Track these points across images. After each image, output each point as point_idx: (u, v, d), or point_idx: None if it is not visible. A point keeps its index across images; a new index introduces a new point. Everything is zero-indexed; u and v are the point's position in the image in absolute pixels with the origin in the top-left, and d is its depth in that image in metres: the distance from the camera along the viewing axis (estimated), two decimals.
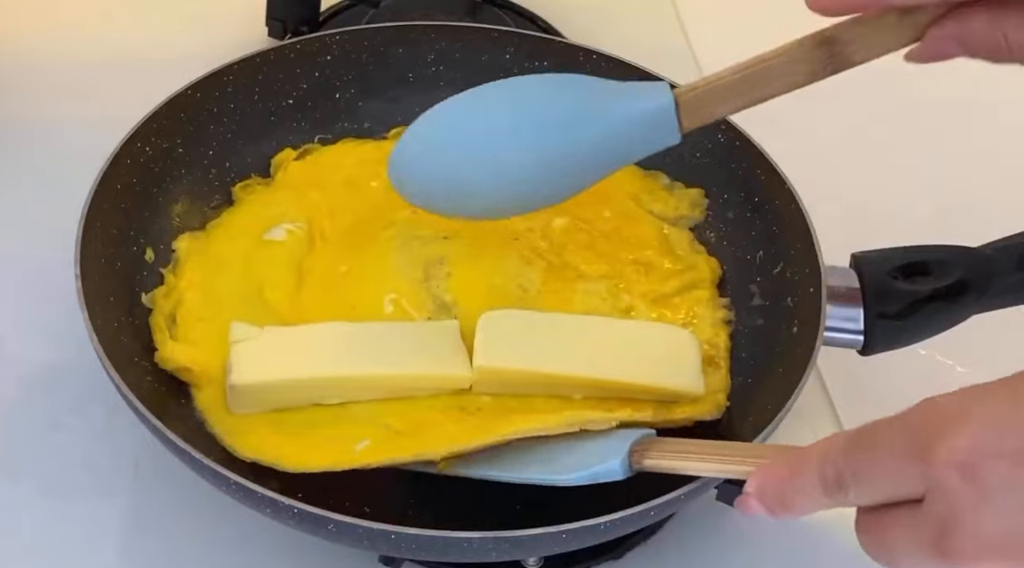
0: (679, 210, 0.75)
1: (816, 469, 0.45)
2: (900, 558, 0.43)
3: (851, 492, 0.43)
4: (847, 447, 0.44)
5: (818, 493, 0.45)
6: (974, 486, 0.40)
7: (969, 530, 0.40)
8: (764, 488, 0.47)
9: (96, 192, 0.65)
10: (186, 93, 0.72)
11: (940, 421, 0.41)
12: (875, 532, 0.44)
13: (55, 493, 0.64)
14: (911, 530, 0.42)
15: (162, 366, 0.63)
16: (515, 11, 0.96)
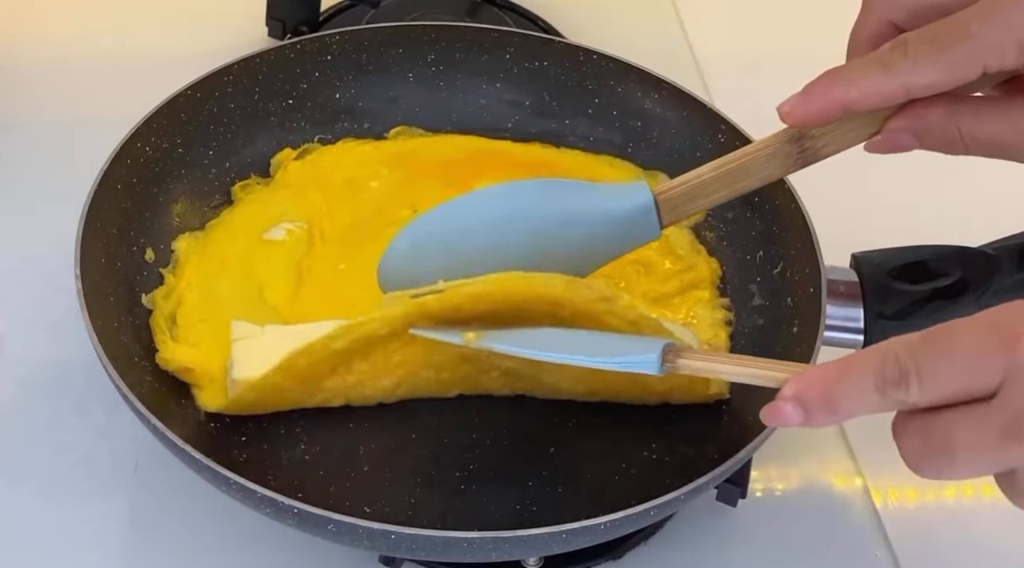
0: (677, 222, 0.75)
1: (875, 367, 0.44)
2: (958, 452, 0.42)
3: (913, 390, 0.43)
4: (920, 343, 0.43)
5: (871, 393, 0.44)
6: None
7: None
8: (807, 390, 0.46)
9: (96, 192, 0.65)
10: (186, 93, 0.72)
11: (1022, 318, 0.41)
12: (932, 429, 0.43)
13: (55, 493, 0.64)
14: (979, 422, 0.42)
15: (163, 367, 0.63)
16: (515, 11, 0.96)
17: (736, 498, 0.64)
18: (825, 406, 0.46)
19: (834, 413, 0.46)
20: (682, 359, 0.53)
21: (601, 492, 0.61)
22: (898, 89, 0.51)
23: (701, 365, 0.53)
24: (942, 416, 0.43)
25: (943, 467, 0.43)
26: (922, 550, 0.65)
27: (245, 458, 0.61)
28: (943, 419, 0.43)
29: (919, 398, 0.43)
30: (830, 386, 0.45)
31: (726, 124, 0.74)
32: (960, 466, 0.43)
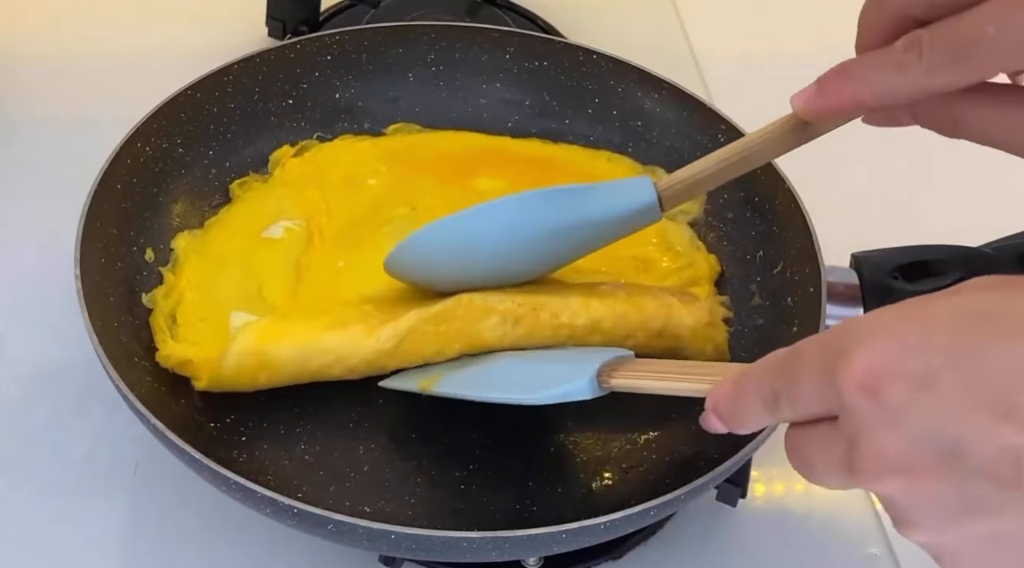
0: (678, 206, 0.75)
1: (756, 388, 0.46)
2: (819, 474, 0.43)
3: (785, 410, 0.44)
4: (777, 366, 0.45)
5: (760, 410, 0.45)
6: (876, 406, 0.40)
7: (871, 448, 0.40)
8: (717, 405, 0.48)
9: (96, 192, 0.65)
10: (186, 93, 0.72)
11: (848, 341, 0.41)
12: (798, 448, 0.44)
13: (55, 493, 0.64)
14: (826, 447, 0.42)
15: (163, 364, 0.63)
16: (515, 11, 0.96)
17: (736, 498, 0.64)
18: (733, 419, 0.47)
19: (742, 425, 0.47)
20: (615, 379, 0.56)
21: (601, 492, 0.61)
22: (913, 90, 0.51)
23: (633, 383, 0.55)
24: (806, 434, 0.44)
25: (812, 479, 0.44)
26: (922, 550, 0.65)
27: (245, 458, 0.61)
28: (806, 437, 0.44)
29: (790, 417, 0.44)
30: (731, 402, 0.47)
31: (726, 124, 0.74)
32: (825, 481, 0.44)
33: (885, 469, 0.40)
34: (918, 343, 0.40)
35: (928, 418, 0.39)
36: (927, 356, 0.39)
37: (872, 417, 0.40)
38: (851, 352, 0.41)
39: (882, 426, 0.40)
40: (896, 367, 0.40)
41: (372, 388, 0.64)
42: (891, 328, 0.41)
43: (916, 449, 0.39)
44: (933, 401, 0.39)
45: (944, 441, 0.39)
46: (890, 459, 0.40)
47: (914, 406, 0.39)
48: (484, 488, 0.61)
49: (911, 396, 0.39)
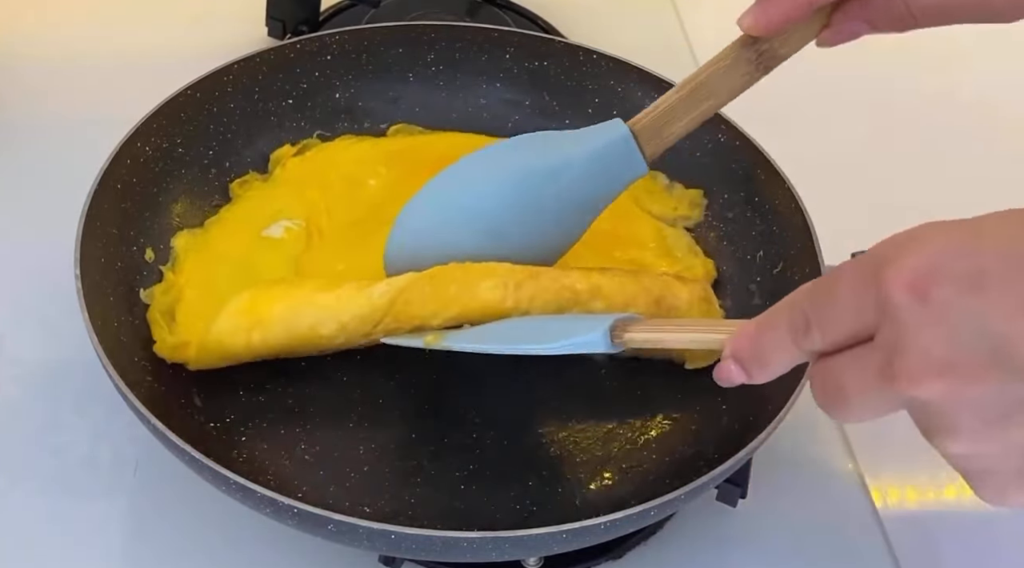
0: (678, 210, 0.75)
1: (786, 318, 0.45)
2: (850, 395, 0.42)
3: (815, 335, 0.43)
4: (811, 288, 0.44)
5: (788, 343, 0.45)
6: (923, 306, 0.39)
7: (915, 349, 0.40)
8: (739, 349, 0.47)
9: (96, 192, 0.65)
10: (186, 93, 0.72)
11: (896, 247, 0.41)
12: (828, 374, 0.43)
13: (55, 493, 0.64)
14: (862, 361, 0.42)
15: (160, 353, 0.63)
16: (515, 11, 0.96)
17: (736, 498, 0.64)
18: (756, 360, 0.46)
19: (764, 365, 0.46)
20: (629, 333, 0.54)
21: (601, 492, 0.61)
22: None
23: (648, 336, 0.54)
24: (836, 360, 0.43)
25: (841, 409, 0.43)
26: (922, 550, 0.65)
27: (245, 458, 0.61)
28: (837, 362, 0.43)
29: (821, 343, 0.43)
30: (756, 342, 0.46)
31: (726, 124, 0.74)
32: (855, 408, 0.43)
33: (928, 370, 0.39)
34: (970, 246, 0.40)
35: (976, 318, 0.39)
36: (978, 258, 0.39)
37: (918, 317, 0.39)
38: (899, 257, 0.40)
39: (928, 326, 0.39)
40: (946, 268, 0.39)
41: (373, 388, 0.65)
42: (940, 234, 0.41)
43: (962, 349, 0.39)
44: (982, 301, 0.39)
45: (992, 341, 0.38)
46: (934, 360, 0.39)
47: (962, 306, 0.39)
48: (484, 488, 0.61)
49: (960, 296, 0.39)
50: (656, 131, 0.62)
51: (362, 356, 0.66)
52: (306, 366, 0.65)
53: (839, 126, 0.91)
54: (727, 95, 0.61)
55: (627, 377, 0.66)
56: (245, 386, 0.64)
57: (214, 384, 0.64)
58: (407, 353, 0.66)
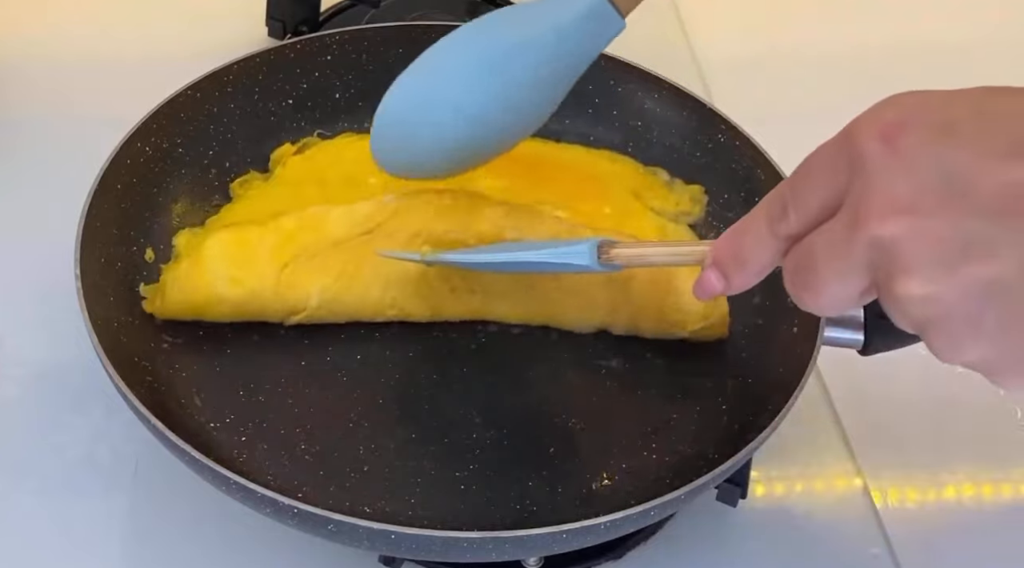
0: (679, 206, 0.75)
1: (765, 209, 0.46)
2: (819, 264, 0.43)
3: (791, 215, 0.44)
4: (791, 175, 0.45)
5: (765, 234, 0.45)
6: (892, 152, 0.41)
7: (880, 191, 0.41)
8: (720, 250, 0.48)
9: (96, 192, 0.65)
10: (186, 93, 0.72)
11: (871, 109, 0.43)
12: (800, 252, 0.44)
13: (55, 493, 0.64)
14: (832, 227, 0.43)
15: (148, 308, 0.65)
16: None
17: (736, 498, 0.64)
18: (735, 262, 0.47)
19: (744, 265, 0.47)
20: (615, 249, 0.56)
21: (601, 492, 0.61)
22: None
23: (633, 251, 0.56)
24: (809, 236, 0.44)
25: (813, 287, 0.44)
26: (922, 550, 0.65)
27: (245, 458, 0.61)
28: (809, 237, 0.44)
29: (796, 225, 0.44)
30: (736, 241, 0.47)
31: (726, 124, 0.74)
32: (826, 280, 0.43)
33: (892, 208, 0.40)
34: (943, 102, 0.41)
35: (941, 160, 0.40)
36: (950, 111, 0.41)
37: (885, 162, 0.41)
38: (872, 113, 0.42)
39: (894, 170, 0.41)
40: (917, 119, 0.41)
41: (373, 388, 0.64)
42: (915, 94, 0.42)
43: (926, 188, 0.40)
44: (950, 146, 0.40)
45: (955, 179, 0.40)
46: (898, 198, 0.40)
47: (930, 150, 0.40)
48: (484, 488, 0.61)
49: (928, 142, 0.40)
50: None
51: (362, 356, 0.66)
52: (306, 366, 0.65)
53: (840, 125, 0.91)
54: None
55: (627, 377, 0.66)
56: (245, 386, 0.64)
57: (214, 384, 0.64)
58: (407, 354, 0.66)
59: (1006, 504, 0.69)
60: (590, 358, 0.67)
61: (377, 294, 0.65)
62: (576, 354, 0.67)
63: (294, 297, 0.65)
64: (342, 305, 0.65)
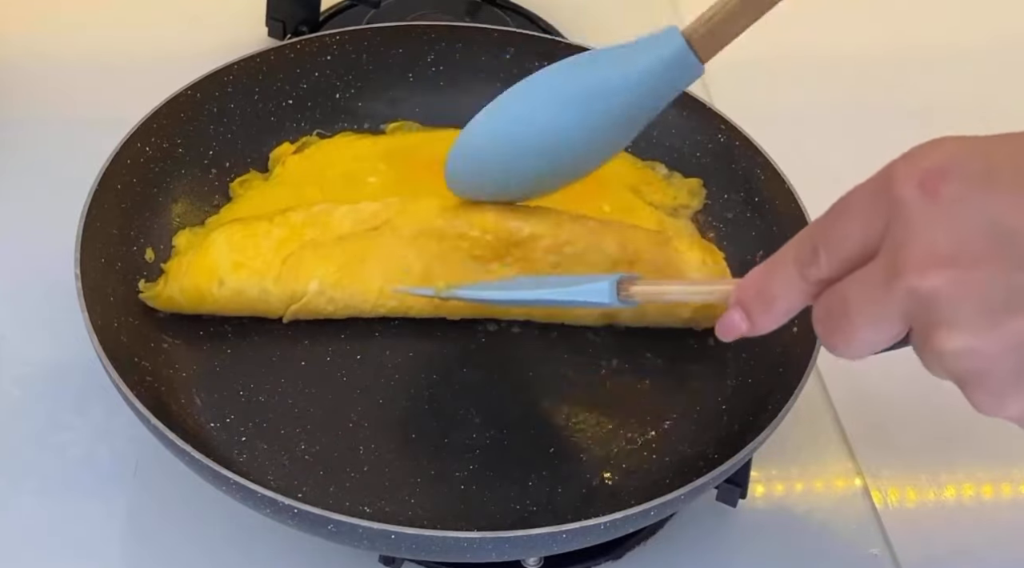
0: (678, 200, 0.75)
1: (793, 250, 0.45)
2: (852, 310, 0.42)
3: (822, 259, 0.43)
4: (820, 218, 0.44)
5: (794, 276, 0.44)
6: (932, 202, 0.40)
7: (921, 242, 0.40)
8: (745, 291, 0.47)
9: (96, 192, 0.65)
10: (186, 93, 0.72)
11: (910, 154, 0.42)
12: (832, 296, 0.43)
13: (55, 493, 0.64)
14: (869, 274, 0.42)
15: (145, 294, 0.65)
16: (515, 11, 0.96)
17: (736, 498, 0.64)
18: (761, 303, 0.46)
19: (770, 307, 0.46)
20: (635, 287, 0.55)
21: (601, 492, 0.61)
22: None
23: (654, 289, 0.55)
24: (843, 281, 0.43)
25: (845, 333, 0.43)
26: (922, 550, 0.65)
27: (245, 458, 0.61)
28: (843, 283, 0.43)
29: (827, 269, 0.43)
30: (762, 281, 0.46)
31: (726, 124, 0.74)
32: (860, 328, 0.42)
33: (933, 260, 0.40)
34: (982, 149, 0.40)
35: (984, 210, 0.39)
36: (990, 158, 0.40)
37: (926, 212, 0.40)
38: (911, 159, 0.41)
39: (935, 220, 0.40)
40: (957, 167, 0.40)
41: (373, 388, 0.64)
42: (954, 140, 0.41)
43: (967, 240, 0.39)
44: (992, 196, 0.39)
45: (998, 231, 0.39)
46: (940, 250, 0.39)
47: (971, 200, 0.39)
48: (484, 488, 0.61)
49: (970, 192, 0.39)
50: (712, 36, 0.61)
51: (362, 356, 0.66)
52: (306, 366, 0.65)
53: (841, 126, 0.91)
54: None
55: (627, 377, 0.66)
56: (245, 386, 0.64)
57: (214, 384, 0.64)
58: (407, 353, 0.66)
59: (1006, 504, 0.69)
60: (590, 358, 0.67)
61: (378, 285, 0.65)
62: (576, 354, 0.67)
63: (295, 284, 0.65)
64: (343, 293, 0.65)
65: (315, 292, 0.65)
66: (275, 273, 0.65)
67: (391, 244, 0.65)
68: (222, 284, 0.64)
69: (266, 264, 0.65)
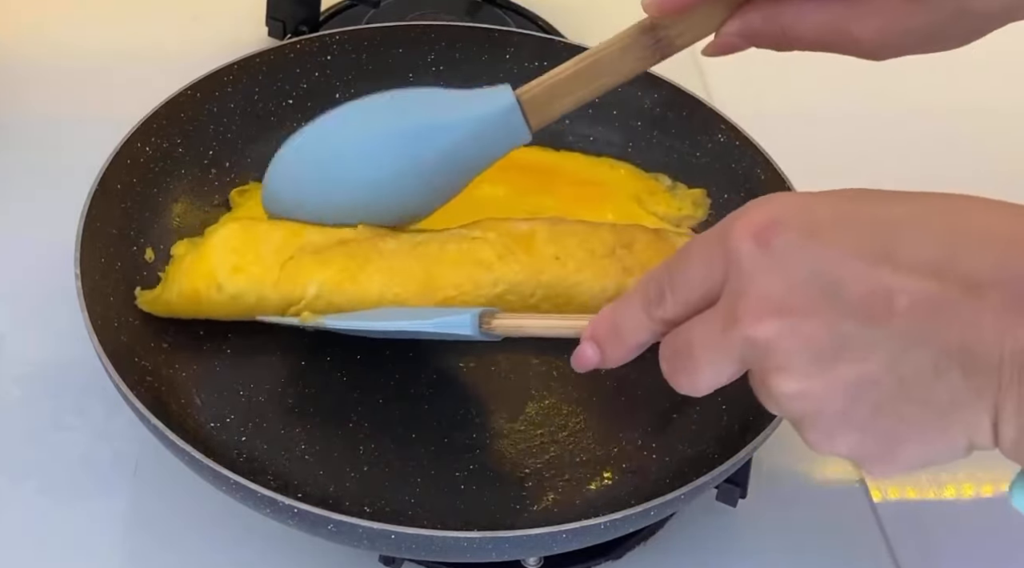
0: (682, 210, 0.75)
1: (641, 291, 0.47)
2: (696, 352, 0.45)
3: (668, 301, 0.46)
4: (663, 264, 0.47)
5: (641, 315, 0.47)
6: (764, 253, 0.43)
7: (755, 291, 0.43)
8: (598, 326, 0.49)
9: (96, 192, 0.65)
10: (186, 93, 0.72)
11: (743, 209, 0.44)
12: (677, 338, 0.46)
13: (55, 493, 0.64)
14: (708, 316, 0.44)
15: (141, 300, 0.65)
16: (515, 11, 0.96)
17: (736, 498, 0.64)
18: (613, 337, 0.49)
19: (620, 341, 0.49)
20: (496, 320, 0.57)
21: (601, 492, 0.61)
22: None
23: (514, 323, 0.57)
24: (687, 323, 0.45)
25: (689, 372, 0.45)
26: (921, 549, 0.66)
27: (245, 458, 0.61)
28: (687, 325, 0.45)
29: (672, 311, 0.46)
30: (613, 318, 0.49)
31: (726, 124, 0.74)
32: (702, 368, 0.45)
33: (766, 309, 0.42)
34: (808, 204, 0.43)
35: (812, 262, 0.42)
36: (814, 212, 0.43)
37: (759, 263, 0.43)
38: (745, 214, 0.44)
39: (768, 270, 0.42)
40: (785, 220, 0.43)
41: (373, 388, 0.65)
42: (783, 196, 0.45)
43: (798, 290, 0.42)
44: (817, 247, 0.42)
45: (825, 281, 0.42)
46: (772, 299, 0.42)
47: (800, 251, 0.42)
48: (484, 488, 0.61)
49: (798, 243, 0.42)
50: (545, 102, 0.63)
51: (362, 356, 0.66)
52: (306, 366, 0.65)
53: (841, 126, 0.91)
54: (620, 77, 0.62)
55: (627, 377, 0.66)
56: (245, 386, 0.64)
57: (214, 384, 0.64)
58: (407, 354, 0.66)
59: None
60: None
61: (378, 288, 0.65)
62: None
63: (293, 289, 0.64)
64: (342, 296, 0.65)
65: (314, 296, 0.64)
66: (273, 278, 0.64)
67: (391, 248, 0.65)
68: (220, 289, 0.64)
69: (265, 269, 0.64)
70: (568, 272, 0.66)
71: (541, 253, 0.66)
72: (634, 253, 0.67)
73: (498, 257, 0.65)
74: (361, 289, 0.65)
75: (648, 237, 0.68)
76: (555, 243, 0.66)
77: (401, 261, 0.65)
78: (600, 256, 0.66)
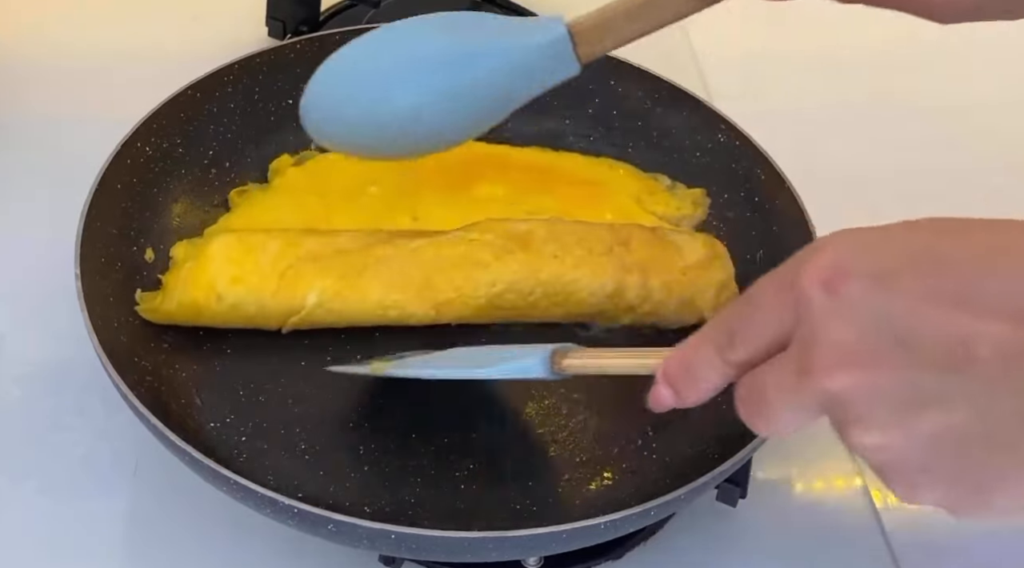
0: (681, 210, 0.75)
1: (712, 334, 0.46)
2: (770, 399, 0.43)
3: (739, 346, 0.45)
4: (735, 303, 0.46)
5: (715, 358, 0.46)
6: (834, 301, 0.41)
7: (827, 342, 0.41)
8: (671, 367, 0.48)
9: (96, 192, 0.65)
10: (186, 93, 0.72)
11: (811, 251, 0.43)
12: (751, 382, 0.44)
13: (55, 493, 0.64)
14: (781, 363, 0.43)
15: (143, 306, 0.65)
16: (515, 11, 0.96)
17: (736, 498, 0.64)
18: (686, 380, 0.47)
19: (693, 383, 0.47)
20: (568, 360, 0.55)
21: (601, 492, 0.61)
22: None
23: (587, 362, 0.55)
24: (759, 368, 0.44)
25: (763, 415, 0.44)
26: (922, 550, 0.65)
27: (245, 458, 0.61)
28: (759, 370, 0.44)
29: (745, 355, 0.45)
30: (685, 360, 0.47)
31: (726, 124, 0.74)
32: (776, 412, 0.44)
33: (839, 361, 0.41)
34: (876, 246, 0.42)
35: (884, 310, 0.40)
36: (884, 257, 0.41)
37: (829, 312, 0.41)
38: (812, 258, 0.42)
39: (839, 320, 0.41)
40: (855, 265, 0.41)
41: (373, 388, 0.64)
42: (851, 236, 0.43)
43: (871, 340, 0.40)
44: (890, 294, 0.40)
45: (899, 330, 0.40)
46: (845, 351, 0.41)
47: (871, 299, 0.41)
48: (484, 488, 0.61)
49: (869, 290, 0.41)
50: (595, 35, 0.61)
51: (362, 356, 0.66)
52: (306, 366, 0.65)
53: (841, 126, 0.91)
54: (672, 15, 0.61)
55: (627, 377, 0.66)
56: (245, 386, 0.64)
57: (214, 384, 0.64)
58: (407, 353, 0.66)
59: None
60: None
61: (378, 295, 0.65)
62: None
63: (293, 298, 0.65)
64: (342, 304, 0.65)
65: (314, 305, 0.64)
66: (273, 287, 0.64)
67: (389, 254, 0.65)
68: (220, 299, 0.64)
69: (264, 279, 0.64)
70: (566, 269, 0.66)
71: (539, 251, 0.66)
72: (632, 251, 0.67)
73: (495, 257, 0.65)
74: (361, 296, 0.65)
75: (645, 235, 0.68)
76: (553, 241, 0.66)
77: (399, 267, 0.65)
78: (598, 254, 0.66)
